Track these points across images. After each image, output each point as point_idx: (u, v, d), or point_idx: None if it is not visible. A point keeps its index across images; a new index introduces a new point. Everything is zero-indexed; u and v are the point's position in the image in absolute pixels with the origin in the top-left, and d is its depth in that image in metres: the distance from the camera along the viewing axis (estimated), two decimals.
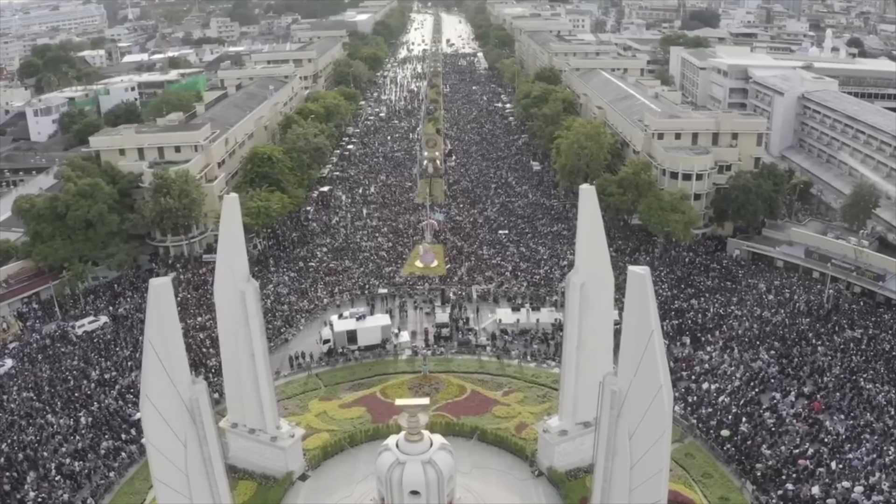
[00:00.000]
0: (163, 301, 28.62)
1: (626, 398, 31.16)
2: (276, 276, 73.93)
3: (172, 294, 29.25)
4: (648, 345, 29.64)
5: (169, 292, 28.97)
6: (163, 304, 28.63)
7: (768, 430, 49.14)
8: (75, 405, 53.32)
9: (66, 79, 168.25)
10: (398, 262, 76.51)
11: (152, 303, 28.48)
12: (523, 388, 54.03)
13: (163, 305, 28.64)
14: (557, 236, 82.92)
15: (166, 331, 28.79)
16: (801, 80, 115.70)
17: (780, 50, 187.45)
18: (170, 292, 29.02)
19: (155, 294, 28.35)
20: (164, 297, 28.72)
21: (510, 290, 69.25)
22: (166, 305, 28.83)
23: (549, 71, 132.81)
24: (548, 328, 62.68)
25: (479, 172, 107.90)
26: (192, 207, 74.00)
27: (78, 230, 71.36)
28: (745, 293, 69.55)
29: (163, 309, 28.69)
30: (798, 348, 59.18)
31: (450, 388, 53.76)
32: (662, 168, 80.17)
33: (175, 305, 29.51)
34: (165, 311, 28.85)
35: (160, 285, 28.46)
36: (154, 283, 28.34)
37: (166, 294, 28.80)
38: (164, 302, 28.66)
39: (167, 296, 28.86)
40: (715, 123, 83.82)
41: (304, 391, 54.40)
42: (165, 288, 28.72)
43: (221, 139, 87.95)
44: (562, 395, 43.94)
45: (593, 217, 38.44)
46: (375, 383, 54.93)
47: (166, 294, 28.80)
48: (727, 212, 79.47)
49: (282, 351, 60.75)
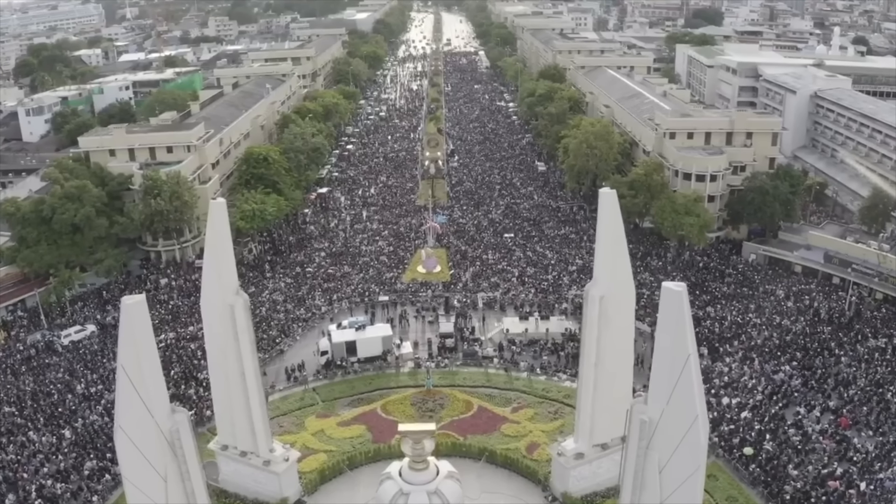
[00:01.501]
0: (137, 321, 25.41)
1: (656, 428, 28.20)
2: (271, 283, 70.79)
3: (147, 313, 25.97)
4: (684, 370, 26.60)
5: (143, 312, 25.71)
6: (137, 324, 25.42)
7: (794, 448, 46.76)
8: (58, 421, 50.99)
9: (61, 78, 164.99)
10: (399, 268, 73.21)
11: (125, 324, 25.29)
12: (533, 404, 50.91)
13: (137, 326, 25.43)
14: (565, 240, 79.79)
15: (141, 355, 25.59)
16: (814, 79, 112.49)
17: (786, 48, 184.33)
18: (144, 312, 25.76)
19: (128, 314, 25.14)
20: (138, 317, 25.50)
21: (517, 298, 66.04)
22: (141, 326, 25.61)
23: (554, 69, 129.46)
24: (558, 338, 59.57)
25: (483, 173, 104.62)
26: (183, 210, 70.68)
27: (64, 235, 68.33)
28: (763, 300, 67.02)
29: (137, 330, 25.48)
30: (821, 359, 57.01)
31: (455, 404, 50.60)
32: (675, 169, 76.97)
33: (150, 326, 26.25)
34: (140, 333, 25.63)
35: (133, 304, 25.17)
36: (127, 302, 25.08)
37: (140, 314, 25.54)
38: (138, 322, 25.45)
39: (141, 315, 25.62)
40: (729, 122, 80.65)
41: (300, 407, 51.28)
42: (139, 307, 25.43)
43: (216, 139, 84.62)
44: (578, 416, 40.76)
45: (614, 223, 35.23)
46: (376, 398, 51.81)
47: (140, 314, 25.54)
48: (742, 214, 76.45)
49: (277, 363, 57.78)
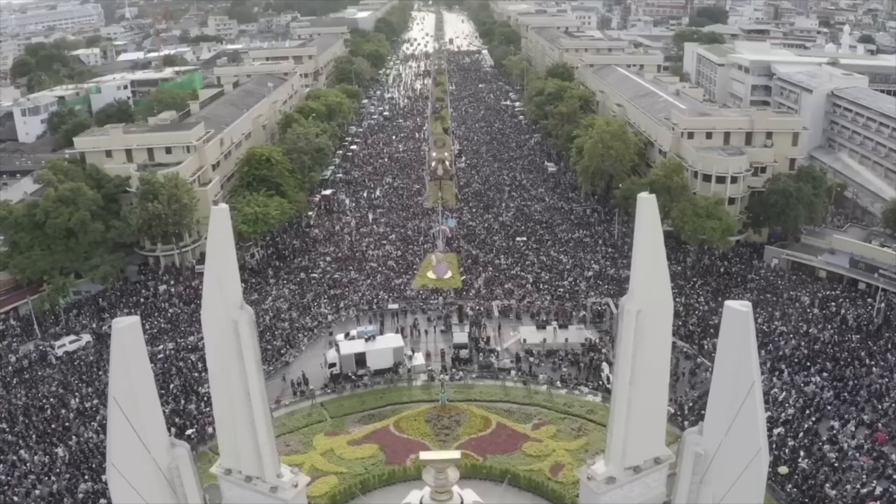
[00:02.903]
0: (130, 346, 22.39)
1: (712, 461, 25.24)
2: (274, 289, 67.80)
3: (141, 337, 22.91)
4: (747, 399, 23.76)
5: (137, 335, 22.63)
6: (130, 350, 22.40)
7: (830, 465, 44.57)
8: (52, 438, 48.61)
9: (58, 77, 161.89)
10: (408, 274, 70.21)
11: (117, 349, 22.29)
12: (555, 420, 48.00)
13: (130, 352, 22.41)
14: (579, 243, 76.84)
15: (136, 384, 22.59)
16: (830, 77, 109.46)
17: (794, 46, 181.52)
18: (138, 335, 22.69)
19: (120, 338, 22.13)
20: (132, 342, 22.46)
21: (533, 305, 63.04)
22: (134, 352, 22.58)
23: (562, 67, 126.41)
24: (577, 348, 56.64)
25: (491, 174, 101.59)
26: (182, 214, 67.47)
27: (58, 239, 65.42)
28: (788, 307, 64.21)
29: (130, 356, 22.46)
30: (851, 369, 54.56)
31: (472, 421, 47.65)
32: (694, 170, 73.97)
33: (145, 351, 23.18)
34: (134, 360, 22.61)
35: (125, 328, 22.10)
36: (118, 325, 22.05)
37: (133, 337, 22.48)
38: (131, 347, 22.43)
39: (135, 340, 22.56)
40: (749, 122, 77.60)
41: (307, 424, 48.36)
42: (132, 330, 22.34)
43: (216, 139, 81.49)
44: (610, 437, 37.59)
45: (652, 231, 32.14)
46: (388, 414, 48.89)
47: (133, 337, 22.48)
48: (764, 217, 73.51)
49: (282, 375, 54.71)
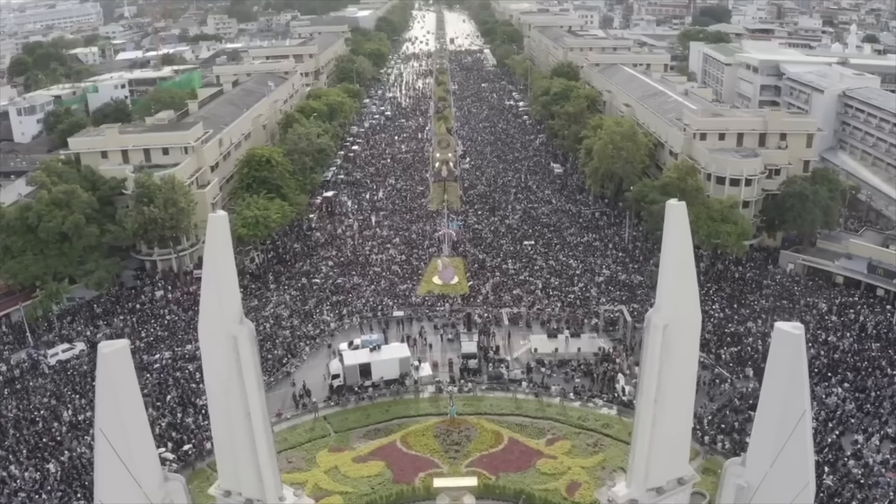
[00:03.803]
0: (118, 373, 20.18)
1: (755, 493, 23.12)
2: (275, 295, 65.62)
3: (130, 363, 20.65)
4: (797, 428, 21.56)
5: (125, 361, 20.38)
6: (118, 376, 20.20)
7: (856, 482, 42.82)
8: (43, 453, 46.79)
9: (55, 76, 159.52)
10: (413, 279, 67.98)
11: (103, 377, 20.13)
12: (570, 435, 45.90)
13: (118, 379, 20.20)
14: (589, 247, 74.69)
15: (125, 414, 20.40)
16: (841, 77, 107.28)
17: (799, 46, 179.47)
18: (127, 361, 20.43)
19: (106, 365, 19.92)
20: (120, 369, 20.24)
21: (543, 312, 60.86)
22: (123, 379, 20.37)
23: (568, 66, 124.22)
24: (590, 358, 54.51)
25: (496, 175, 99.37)
26: (179, 218, 65.18)
27: (51, 244, 63.30)
28: (805, 314, 62.08)
29: (118, 384, 20.25)
30: (873, 379, 52.54)
31: (483, 436, 45.52)
32: (707, 172, 71.81)
33: (135, 377, 20.92)
34: (122, 387, 20.38)
35: (112, 353, 19.81)
36: (104, 350, 19.81)
37: (122, 364, 20.24)
38: (119, 375, 20.21)
39: (123, 366, 20.33)
40: (762, 123, 75.43)
41: (310, 439, 46.23)
42: (120, 355, 20.09)
43: (215, 140, 79.24)
44: (633, 458, 35.45)
45: (682, 241, 29.91)
46: (395, 429, 46.77)
47: (122, 364, 20.24)
48: (779, 221, 71.39)
49: (283, 386, 52.60)
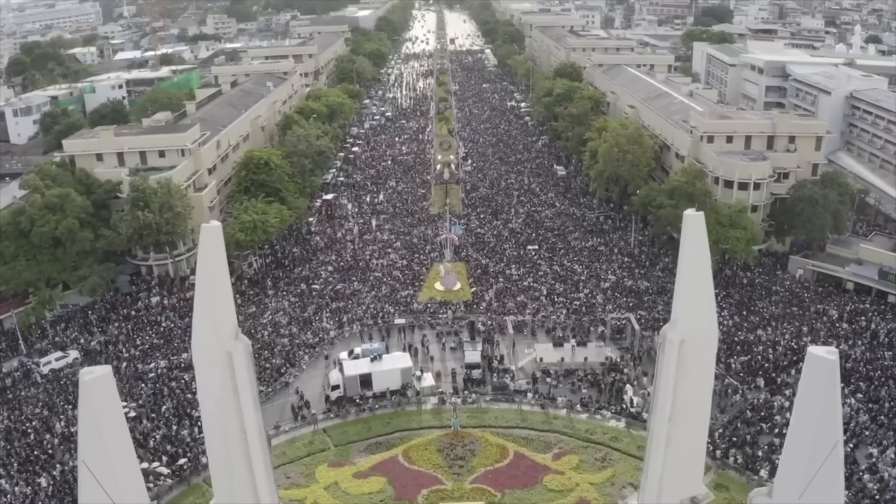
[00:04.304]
0: (101, 402, 18.66)
1: None
2: (273, 301, 64.09)
3: (114, 390, 19.12)
4: (829, 459, 20.09)
5: (109, 388, 18.83)
6: (101, 406, 18.67)
7: (871, 497, 41.45)
8: (34, 466, 45.14)
9: (52, 76, 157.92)
10: (415, 285, 66.45)
11: (86, 406, 18.60)
12: (577, 449, 44.43)
13: (101, 409, 18.68)
14: (594, 252, 73.18)
15: (110, 445, 18.87)
16: (848, 78, 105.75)
17: (803, 47, 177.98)
18: (110, 388, 18.90)
19: (88, 393, 18.39)
20: (103, 397, 18.73)
21: (548, 320, 59.36)
22: (107, 408, 18.85)
23: (571, 67, 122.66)
24: (597, 368, 53.03)
25: (498, 178, 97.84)
26: (175, 222, 63.51)
27: (45, 249, 61.77)
28: (815, 321, 60.70)
29: (102, 414, 18.73)
30: (886, 389, 51.25)
31: (488, 450, 44.04)
32: (715, 176, 70.32)
33: (120, 406, 19.42)
34: (106, 417, 18.86)
35: (94, 380, 18.23)
36: (86, 378, 18.24)
37: (105, 392, 18.71)
38: (102, 404, 18.70)
39: (106, 394, 18.81)
40: (771, 125, 73.97)
41: (309, 453, 44.75)
42: (103, 383, 18.55)
43: (212, 142, 77.63)
44: (646, 477, 34.17)
45: (699, 254, 28.55)
46: (396, 442, 45.30)
47: (105, 392, 18.71)
48: (788, 226, 69.94)
49: (282, 397, 51.10)
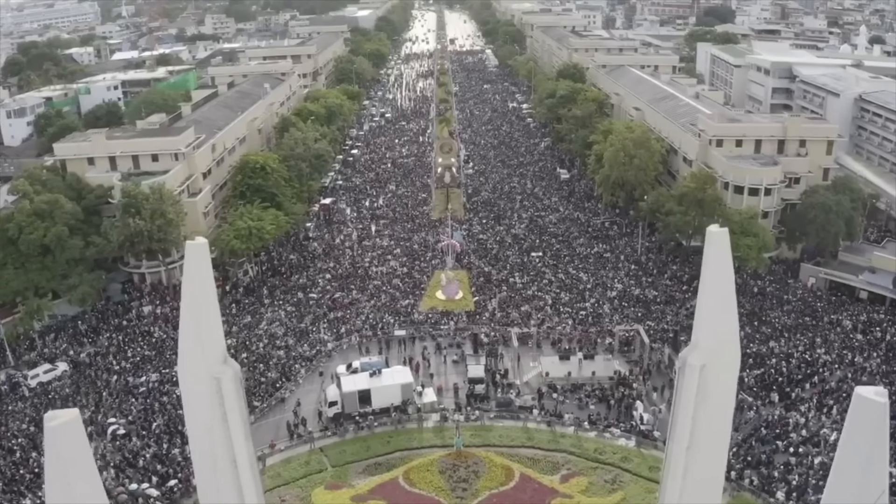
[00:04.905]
0: (69, 450, 16.66)
1: None
2: (269, 311, 62.03)
3: (84, 435, 17.12)
4: None
5: (77, 434, 16.80)
6: (69, 454, 16.67)
7: None
8: (20, 487, 43.00)
9: (47, 77, 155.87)
10: (415, 294, 64.41)
11: (52, 455, 16.60)
12: (586, 470, 42.46)
13: (69, 457, 16.67)
14: (600, 259, 71.17)
15: (79, 498, 16.86)
16: (857, 80, 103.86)
17: (807, 47, 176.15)
18: (79, 433, 16.88)
19: (54, 440, 16.40)
20: (71, 444, 16.71)
21: (553, 331, 57.36)
22: (75, 456, 16.84)
23: (574, 68, 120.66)
24: (605, 382, 51.08)
25: (500, 181, 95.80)
26: (167, 229, 61.26)
27: (33, 257, 59.74)
28: (829, 332, 58.80)
29: (70, 463, 16.70)
30: None
31: (492, 472, 42.06)
32: (724, 181, 68.36)
33: (90, 453, 17.43)
34: (75, 467, 16.83)
35: (61, 426, 16.18)
36: (51, 424, 16.21)
37: (73, 438, 16.67)
38: (70, 451, 16.69)
39: (75, 440, 16.77)
40: (781, 129, 72.04)
41: (305, 474, 42.72)
42: (71, 429, 16.50)
43: (207, 145, 75.42)
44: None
45: (723, 273, 26.33)
46: (396, 463, 43.31)
47: (73, 438, 16.67)
48: (798, 233, 68.00)
49: (277, 413, 49.11)
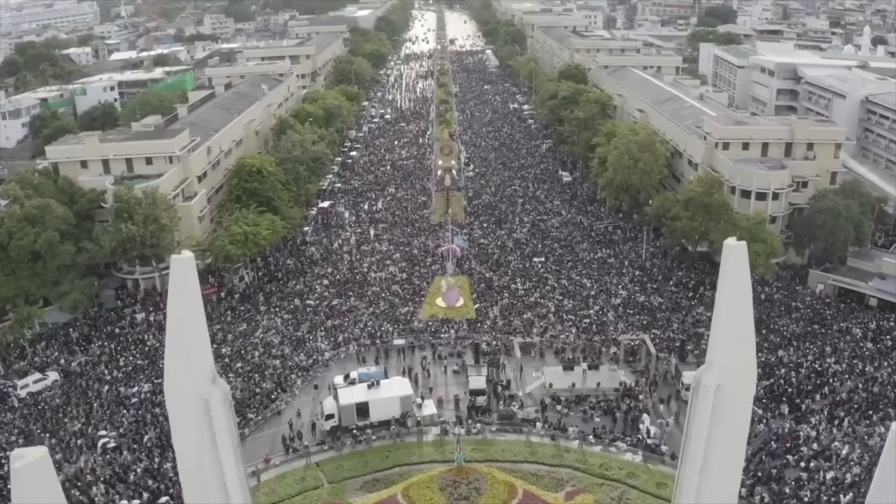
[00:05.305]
0: (35, 492, 15.25)
1: None
2: (265, 319, 60.55)
3: (53, 474, 15.71)
4: None
5: (46, 473, 15.42)
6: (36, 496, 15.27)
7: None
8: (6, 502, 41.29)
9: (44, 77, 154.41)
10: (415, 301, 62.93)
11: (18, 496, 15.18)
12: (592, 487, 41.05)
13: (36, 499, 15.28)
14: (603, 265, 69.67)
15: None
16: (863, 82, 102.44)
17: (809, 48, 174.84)
18: (48, 473, 15.49)
19: (21, 481, 14.99)
20: (38, 485, 15.30)
21: (556, 340, 55.88)
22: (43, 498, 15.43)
23: (575, 69, 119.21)
24: (611, 394, 49.64)
25: (501, 184, 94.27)
26: (160, 235, 59.72)
27: (23, 263, 58.33)
28: (838, 340, 57.45)
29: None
30: None
31: (495, 488, 40.60)
32: (731, 185, 66.93)
33: (61, 492, 16.04)
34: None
35: (27, 466, 14.87)
36: (16, 464, 14.83)
37: (40, 479, 15.27)
38: (37, 493, 15.29)
39: (43, 481, 15.36)
40: (789, 131, 70.59)
41: (301, 491, 41.33)
42: (38, 469, 15.13)
43: (203, 148, 73.86)
44: None
45: (741, 290, 24.94)
46: (395, 479, 41.89)
47: (40, 479, 15.27)
48: (806, 238, 66.61)
49: (272, 426, 47.67)
